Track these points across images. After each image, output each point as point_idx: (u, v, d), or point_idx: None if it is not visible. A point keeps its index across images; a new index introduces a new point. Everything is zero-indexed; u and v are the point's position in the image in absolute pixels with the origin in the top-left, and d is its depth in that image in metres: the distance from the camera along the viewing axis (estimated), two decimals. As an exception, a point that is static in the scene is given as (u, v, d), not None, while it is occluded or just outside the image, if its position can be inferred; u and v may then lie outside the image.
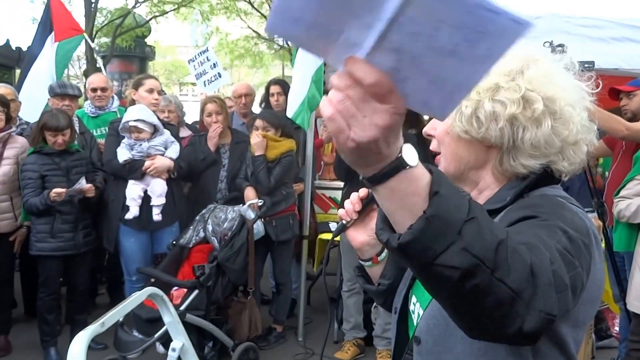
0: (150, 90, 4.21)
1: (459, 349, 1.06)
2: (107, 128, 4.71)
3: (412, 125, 5.46)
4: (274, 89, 5.14)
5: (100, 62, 6.75)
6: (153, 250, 4.16)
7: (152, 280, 3.78)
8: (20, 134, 4.36)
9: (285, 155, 4.16)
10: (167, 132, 4.10)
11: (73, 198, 3.87)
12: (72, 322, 4.17)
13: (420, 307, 1.20)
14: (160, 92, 4.34)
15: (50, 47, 5.45)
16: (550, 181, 1.13)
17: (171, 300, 3.68)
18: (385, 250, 1.32)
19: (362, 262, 1.35)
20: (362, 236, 1.28)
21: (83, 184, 3.84)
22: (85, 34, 5.90)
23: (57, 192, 3.70)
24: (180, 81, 30.82)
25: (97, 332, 2.26)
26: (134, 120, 3.91)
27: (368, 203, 1.25)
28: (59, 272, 4.04)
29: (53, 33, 5.49)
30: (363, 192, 1.24)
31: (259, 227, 4.02)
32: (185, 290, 3.63)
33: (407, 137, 3.13)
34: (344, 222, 1.27)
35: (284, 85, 5.16)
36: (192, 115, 7.85)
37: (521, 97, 1.05)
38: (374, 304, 4.11)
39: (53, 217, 3.88)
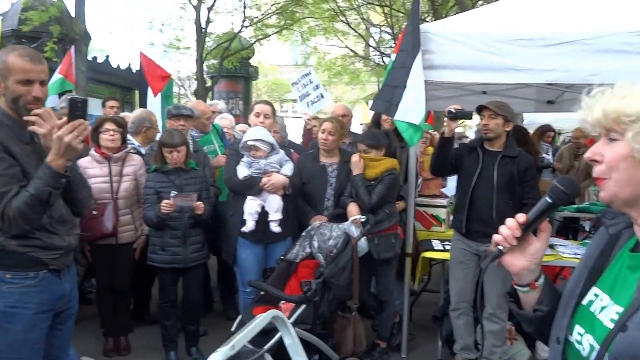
0: (257, 114, 4.49)
1: None
2: (208, 147, 5.21)
3: (521, 144, 5.36)
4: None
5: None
6: (266, 263, 4.30)
7: (262, 293, 3.98)
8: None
9: (387, 173, 4.22)
10: (282, 152, 4.30)
11: (182, 212, 4.11)
12: (184, 331, 4.44)
13: (593, 339, 1.19)
14: (268, 115, 4.52)
15: (152, 99, 6.23)
16: None
17: (279, 314, 3.87)
18: (543, 276, 1.34)
19: (517, 288, 1.36)
20: (520, 261, 1.30)
21: (193, 198, 4.08)
22: (172, 77, 6.70)
23: (166, 202, 4.00)
24: (281, 98, 31.87)
25: (227, 355, 2.28)
26: (253, 140, 4.16)
27: (527, 228, 1.26)
28: (172, 282, 4.32)
29: (150, 88, 6.28)
30: (522, 217, 1.27)
31: (362, 244, 4.10)
32: (293, 304, 3.77)
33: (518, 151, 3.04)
34: (500, 248, 1.29)
35: None
36: (293, 130, 8.17)
37: None
38: (478, 325, 4.07)
39: (163, 231, 4.18)
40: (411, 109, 4.05)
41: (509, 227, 1.28)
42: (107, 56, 15.71)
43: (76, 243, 2.62)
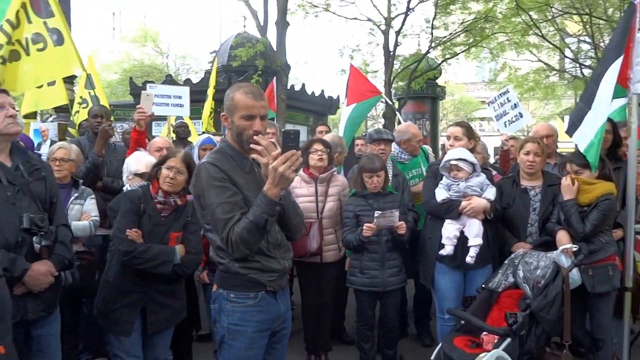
0: (448, 137, 4.51)
1: None
2: (416, 170, 5.20)
3: None
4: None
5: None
6: (465, 291, 4.17)
7: (462, 322, 3.85)
8: None
9: (603, 198, 3.88)
10: (483, 175, 4.17)
11: (380, 236, 4.18)
12: (381, 355, 4.47)
13: None
14: (458, 137, 4.40)
15: (343, 106, 6.77)
16: None
17: (481, 345, 3.70)
18: None
19: None
20: None
21: (395, 216, 4.12)
22: (383, 95, 7.16)
23: (368, 226, 4.09)
24: (467, 117, 31.19)
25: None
26: (455, 160, 4.10)
27: None
28: (370, 305, 4.38)
29: (346, 98, 6.67)
30: None
31: (574, 276, 3.77)
32: (497, 336, 3.58)
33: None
34: None
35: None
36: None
37: None
38: None
39: (361, 254, 4.27)
40: (585, 133, 3.86)
41: None
42: (303, 84, 16.81)
43: (290, 266, 2.76)
